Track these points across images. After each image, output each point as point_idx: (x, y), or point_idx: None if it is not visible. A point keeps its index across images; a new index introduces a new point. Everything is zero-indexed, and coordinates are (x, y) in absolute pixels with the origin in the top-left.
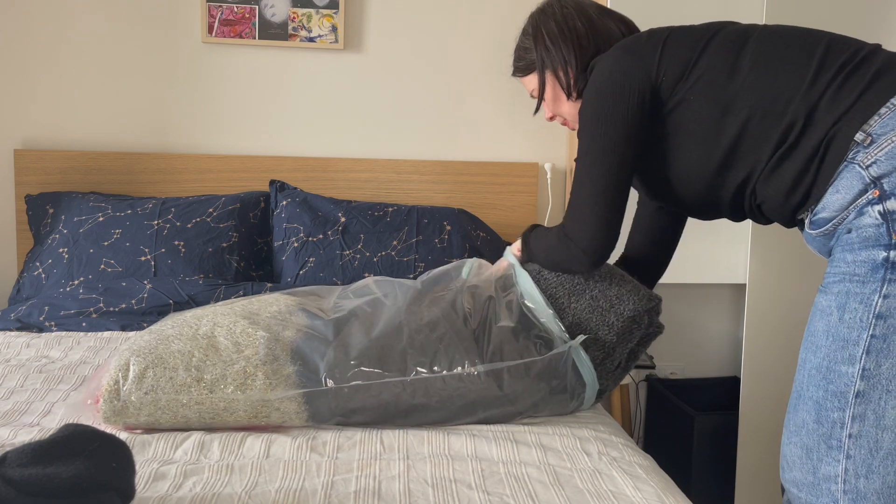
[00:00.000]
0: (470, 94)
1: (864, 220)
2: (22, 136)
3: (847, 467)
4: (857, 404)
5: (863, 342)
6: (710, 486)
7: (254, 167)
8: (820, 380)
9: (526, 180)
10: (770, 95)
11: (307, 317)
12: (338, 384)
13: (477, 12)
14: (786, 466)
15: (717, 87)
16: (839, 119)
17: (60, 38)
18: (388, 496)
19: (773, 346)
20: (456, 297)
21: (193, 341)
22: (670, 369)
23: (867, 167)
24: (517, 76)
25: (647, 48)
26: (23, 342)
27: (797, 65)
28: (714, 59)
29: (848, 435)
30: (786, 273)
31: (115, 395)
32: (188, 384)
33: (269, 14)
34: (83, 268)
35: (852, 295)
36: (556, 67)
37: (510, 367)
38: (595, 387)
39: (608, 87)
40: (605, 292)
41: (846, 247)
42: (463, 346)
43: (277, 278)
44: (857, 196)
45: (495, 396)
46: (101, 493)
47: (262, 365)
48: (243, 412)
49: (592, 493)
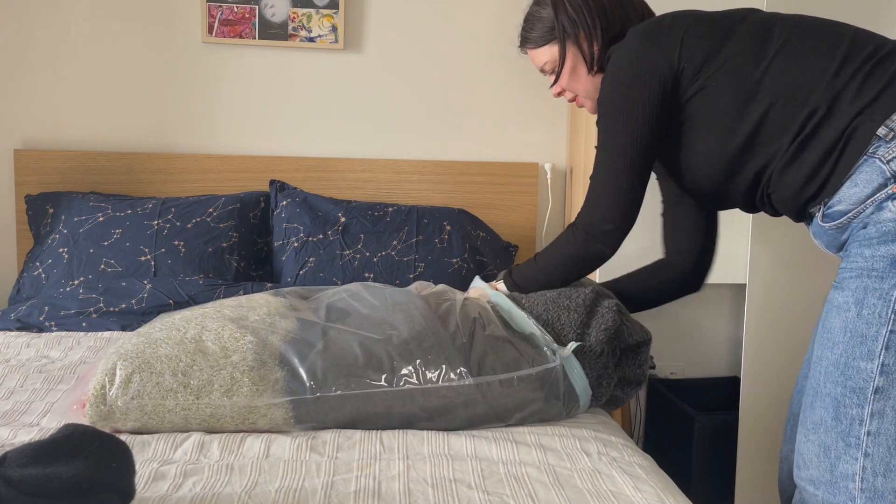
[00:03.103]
0: (470, 94)
1: (882, 215)
2: (22, 136)
3: (865, 465)
4: (875, 401)
5: (882, 338)
6: (710, 486)
7: (254, 167)
8: (838, 376)
9: (526, 180)
10: (793, 84)
11: (295, 321)
12: (322, 393)
13: (477, 12)
14: (801, 464)
15: (742, 75)
16: (861, 111)
17: (60, 38)
18: (388, 496)
19: (773, 346)
20: (450, 308)
21: (181, 346)
22: (670, 369)
23: (888, 162)
24: (528, 48)
25: (669, 36)
26: (23, 342)
27: (821, 55)
28: (738, 48)
29: (867, 432)
30: (786, 273)
31: (101, 399)
32: (174, 389)
33: (269, 14)
34: (83, 268)
35: (870, 290)
36: (578, 37)
37: (501, 380)
38: (588, 393)
39: (628, 76)
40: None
41: (863, 242)
42: (446, 354)
43: (277, 278)
44: (875, 190)
45: (483, 409)
46: (101, 493)
47: (249, 371)
48: (230, 418)
49: (592, 493)
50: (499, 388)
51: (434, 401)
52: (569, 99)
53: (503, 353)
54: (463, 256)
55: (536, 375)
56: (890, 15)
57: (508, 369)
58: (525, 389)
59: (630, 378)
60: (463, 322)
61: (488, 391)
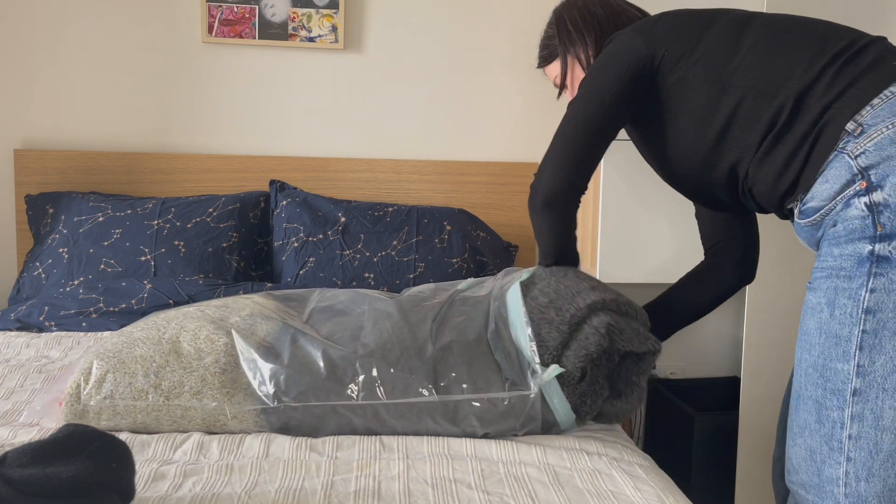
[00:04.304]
0: (470, 94)
1: (850, 212)
2: (22, 136)
3: (848, 470)
4: (854, 403)
5: (855, 338)
6: (710, 486)
7: (254, 167)
8: (817, 378)
9: (526, 180)
10: (764, 77)
11: (278, 323)
12: (283, 403)
13: (476, 12)
14: (791, 469)
15: (717, 67)
16: (829, 106)
17: (60, 38)
18: (387, 496)
19: (773, 346)
20: (426, 314)
21: (157, 346)
22: (670, 369)
23: (856, 157)
24: (542, 66)
25: (654, 28)
26: (23, 342)
27: (794, 49)
28: (716, 40)
29: (848, 436)
30: (786, 273)
31: (76, 398)
32: (145, 390)
33: (269, 14)
34: (83, 268)
35: (840, 290)
36: (577, 49)
37: (468, 401)
38: (570, 417)
39: (608, 55)
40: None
41: (832, 240)
42: (410, 366)
43: (277, 278)
44: (844, 186)
45: (449, 427)
46: (101, 493)
47: (221, 374)
48: (200, 420)
49: (592, 493)
50: (467, 408)
51: (396, 416)
52: None
53: (475, 368)
54: (463, 256)
55: (510, 401)
56: (890, 15)
57: (477, 389)
58: (494, 413)
59: (622, 392)
60: (438, 330)
61: (455, 410)
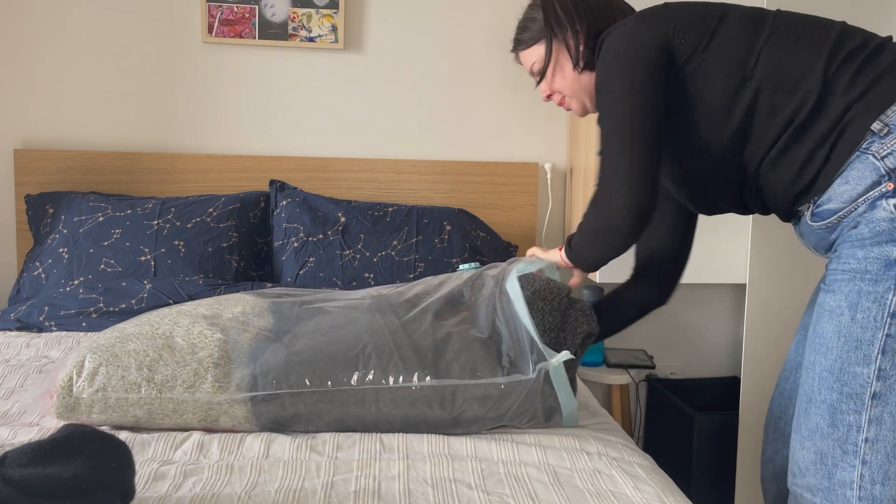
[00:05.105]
0: (470, 94)
1: (876, 214)
2: (22, 136)
3: (863, 473)
4: (873, 407)
5: (878, 342)
6: (710, 486)
7: (254, 167)
8: (833, 382)
9: (526, 180)
10: (783, 69)
11: (271, 319)
12: (278, 390)
13: (476, 12)
14: (797, 472)
15: (736, 59)
16: (853, 104)
17: (60, 38)
18: (387, 496)
19: (773, 346)
20: (426, 308)
21: (151, 341)
22: (670, 369)
23: (882, 158)
24: (520, 49)
25: (664, 17)
26: (23, 342)
27: (811, 43)
28: (733, 32)
29: (864, 439)
30: (786, 273)
31: (68, 391)
32: (138, 383)
33: (269, 14)
34: (83, 268)
35: (864, 294)
36: (566, 35)
37: (464, 386)
38: (573, 405)
39: (627, 47)
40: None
41: (855, 242)
42: (401, 354)
43: (277, 278)
44: (868, 188)
45: (442, 416)
46: (101, 493)
47: (214, 367)
48: (192, 414)
49: (592, 493)
50: (463, 394)
51: (391, 405)
52: (557, 102)
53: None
54: (463, 256)
55: (507, 386)
56: (890, 15)
57: (475, 375)
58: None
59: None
60: (435, 325)
61: (453, 396)
